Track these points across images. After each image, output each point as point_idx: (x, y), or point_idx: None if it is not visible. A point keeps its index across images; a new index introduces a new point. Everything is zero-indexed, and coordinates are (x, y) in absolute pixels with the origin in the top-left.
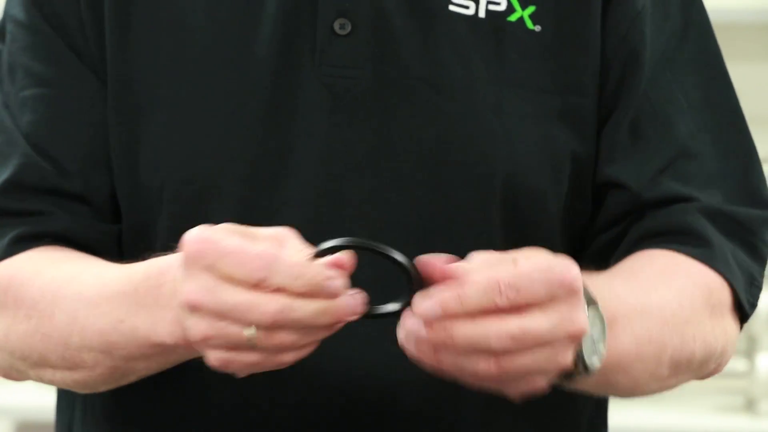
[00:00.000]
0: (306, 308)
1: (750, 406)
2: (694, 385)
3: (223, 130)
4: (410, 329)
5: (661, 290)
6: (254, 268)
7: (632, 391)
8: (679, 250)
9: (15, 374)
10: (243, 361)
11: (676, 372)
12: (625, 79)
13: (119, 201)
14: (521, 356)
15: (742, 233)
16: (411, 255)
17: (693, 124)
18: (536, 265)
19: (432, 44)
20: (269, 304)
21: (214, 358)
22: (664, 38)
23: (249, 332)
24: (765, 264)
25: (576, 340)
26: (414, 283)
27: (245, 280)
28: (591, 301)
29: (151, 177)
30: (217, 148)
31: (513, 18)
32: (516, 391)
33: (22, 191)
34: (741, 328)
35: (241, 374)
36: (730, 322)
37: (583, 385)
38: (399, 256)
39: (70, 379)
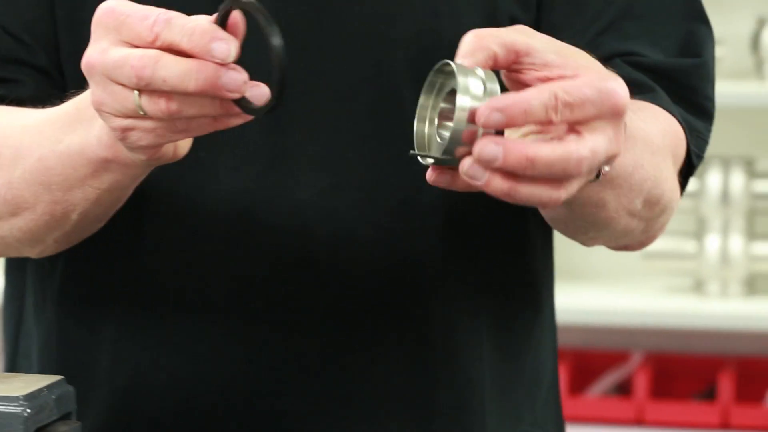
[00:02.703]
0: (173, 65)
1: (698, 287)
2: (643, 266)
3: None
4: (487, 155)
5: (650, 123)
6: (151, 23)
7: (606, 221)
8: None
9: None
10: (140, 128)
11: (646, 208)
12: None
13: (67, 81)
14: (576, 180)
15: (680, 90)
16: (358, 130)
17: None
18: (590, 82)
19: None
20: (137, 58)
21: (113, 126)
22: None
23: (134, 95)
24: (709, 119)
25: (612, 161)
26: (278, 73)
27: (141, 37)
28: None
29: None
30: None
31: None
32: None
33: None
34: (684, 187)
35: (147, 148)
36: (676, 183)
37: (571, 203)
38: (277, 40)
39: (17, 228)
